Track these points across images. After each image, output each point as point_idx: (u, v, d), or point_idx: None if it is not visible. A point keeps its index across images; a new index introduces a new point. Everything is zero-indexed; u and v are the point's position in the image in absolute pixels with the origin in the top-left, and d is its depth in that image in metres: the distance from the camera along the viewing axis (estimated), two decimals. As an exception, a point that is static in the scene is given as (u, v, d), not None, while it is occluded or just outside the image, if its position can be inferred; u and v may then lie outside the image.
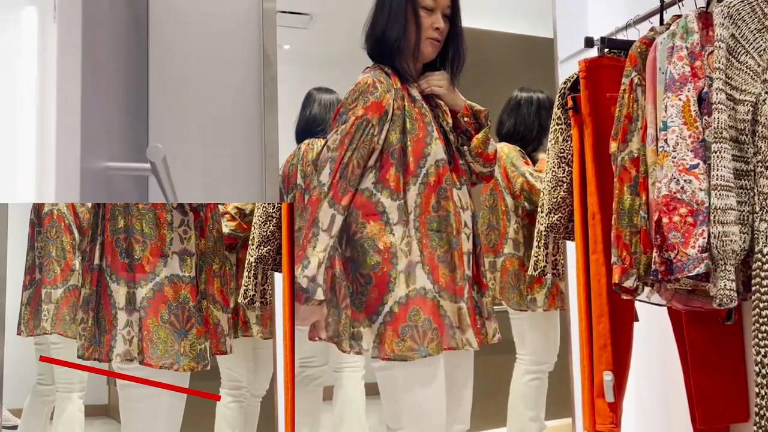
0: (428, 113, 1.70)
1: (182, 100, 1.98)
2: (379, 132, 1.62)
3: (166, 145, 1.42)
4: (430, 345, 1.58)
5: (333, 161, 1.60)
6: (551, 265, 2.10)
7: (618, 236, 1.73)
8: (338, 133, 1.61)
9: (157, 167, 1.18)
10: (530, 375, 2.56)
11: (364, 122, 1.62)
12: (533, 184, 2.44)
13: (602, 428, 1.89)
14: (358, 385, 2.42)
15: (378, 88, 1.64)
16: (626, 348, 1.93)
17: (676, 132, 1.56)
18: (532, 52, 2.76)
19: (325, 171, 1.60)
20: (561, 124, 2.04)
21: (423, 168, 1.64)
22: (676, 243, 1.54)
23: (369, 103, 1.62)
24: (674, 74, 1.60)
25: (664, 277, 1.62)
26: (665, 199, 1.55)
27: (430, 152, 1.65)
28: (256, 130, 2.03)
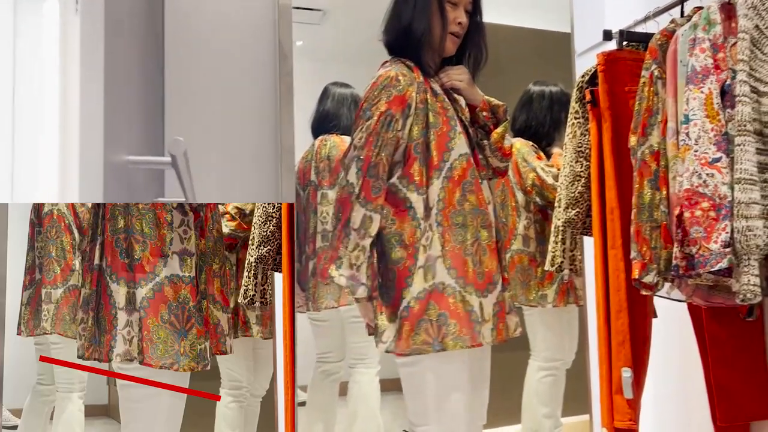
0: (450, 107, 1.68)
1: (197, 95, 1.97)
2: (402, 126, 1.60)
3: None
4: (445, 340, 1.56)
5: (360, 160, 1.58)
6: (568, 261, 2.05)
7: (638, 231, 1.68)
8: (363, 131, 1.59)
9: (177, 161, 1.16)
10: (544, 372, 2.54)
11: (388, 118, 1.59)
12: (545, 179, 2.41)
13: (621, 425, 1.86)
14: (373, 381, 2.42)
15: (401, 81, 1.61)
16: (645, 344, 1.89)
17: (698, 125, 1.51)
18: (549, 46, 2.72)
19: (352, 170, 1.58)
20: (579, 118, 1.98)
21: (447, 162, 1.62)
22: (698, 238, 1.48)
23: (392, 98, 1.60)
24: (696, 66, 1.55)
25: (686, 273, 1.59)
26: (687, 193, 1.50)
27: (454, 146, 1.63)
28: (271, 125, 2.02)
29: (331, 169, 2.34)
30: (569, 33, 2.58)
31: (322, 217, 2.33)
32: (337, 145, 2.37)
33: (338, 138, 2.36)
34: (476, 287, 1.61)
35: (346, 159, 1.61)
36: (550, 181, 2.37)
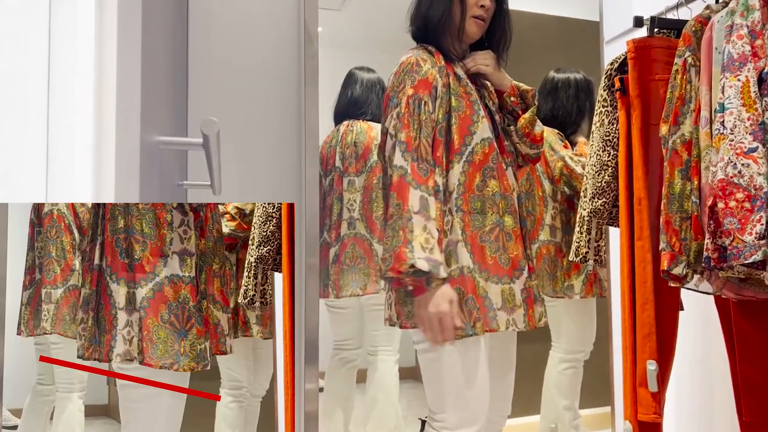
0: (474, 92, 1.64)
1: (221, 76, 1.95)
2: (433, 109, 1.58)
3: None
4: (477, 324, 1.55)
5: (402, 143, 1.55)
6: (593, 252, 2.00)
7: (667, 222, 1.61)
8: (395, 117, 1.57)
9: (209, 141, 1.13)
10: (565, 363, 2.50)
11: (417, 101, 1.57)
12: (573, 168, 2.36)
13: (644, 418, 1.83)
14: (393, 369, 2.40)
15: (422, 65, 1.59)
16: (671, 337, 1.80)
17: (734, 114, 1.43)
18: (577, 34, 2.68)
19: (398, 155, 1.54)
20: (607, 106, 1.89)
21: (468, 146, 1.60)
22: (732, 229, 1.40)
23: (416, 82, 1.57)
24: (733, 54, 1.46)
25: (717, 265, 1.54)
26: (721, 184, 1.42)
27: (476, 130, 1.60)
28: (295, 109, 1.99)
29: (358, 156, 2.30)
30: (597, 21, 2.53)
31: (348, 204, 2.29)
32: (365, 131, 2.33)
33: (366, 124, 2.31)
34: (495, 273, 1.59)
35: (387, 148, 1.58)
36: (579, 170, 2.31)
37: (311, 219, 1.91)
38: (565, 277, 2.31)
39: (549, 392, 2.40)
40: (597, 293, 2.34)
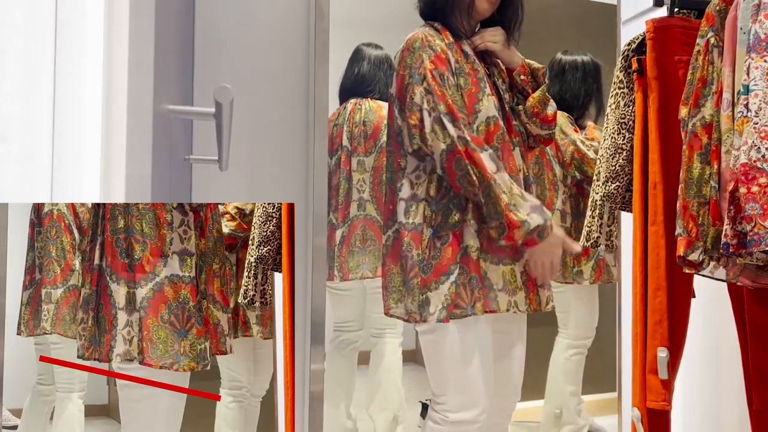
0: (481, 69, 1.61)
1: (227, 49, 1.89)
2: (451, 85, 1.54)
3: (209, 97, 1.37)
4: (477, 305, 1.54)
5: (447, 115, 1.50)
6: (605, 237, 1.93)
7: (684, 207, 1.54)
8: (425, 92, 1.52)
9: (222, 111, 1.06)
10: (573, 350, 2.45)
11: (440, 74, 1.53)
12: (585, 152, 2.30)
13: (654, 405, 1.79)
14: (396, 352, 2.36)
15: (431, 41, 1.56)
16: (682, 324, 1.73)
17: (760, 96, 1.34)
18: (591, 16, 2.61)
19: (450, 127, 1.50)
20: (623, 88, 1.82)
21: (473, 124, 1.56)
22: (754, 215, 1.32)
23: (433, 57, 1.54)
24: (760, 33, 1.36)
25: (736, 251, 1.49)
26: (744, 168, 1.34)
27: (481, 108, 1.57)
28: (303, 84, 1.94)
29: (368, 135, 2.24)
30: (613, 4, 2.47)
31: (358, 185, 2.24)
32: (375, 110, 2.25)
33: (375, 103, 2.24)
34: (495, 254, 1.56)
35: (427, 128, 1.51)
36: (591, 155, 2.26)
37: (320, 198, 1.88)
38: (574, 263, 2.27)
39: (555, 378, 2.37)
40: (606, 279, 2.31)
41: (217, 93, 1.01)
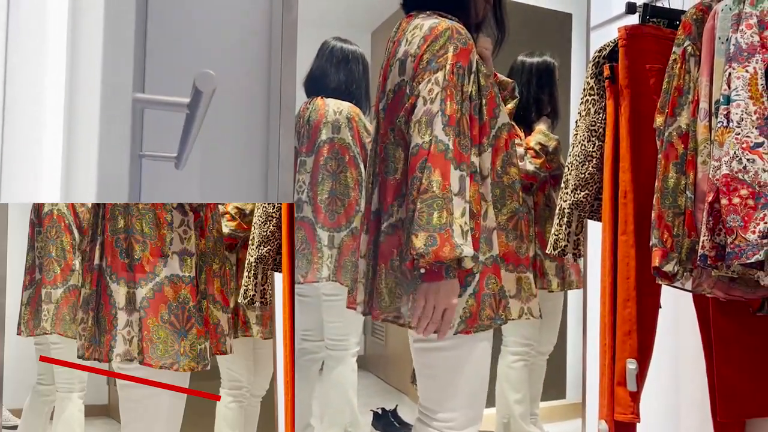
0: (491, 74, 1.50)
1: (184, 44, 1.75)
2: (468, 82, 1.40)
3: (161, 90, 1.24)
4: (505, 312, 1.45)
5: (445, 116, 1.35)
6: (572, 245, 1.90)
7: (660, 217, 1.49)
8: (434, 83, 1.37)
9: (199, 101, 0.93)
10: (514, 356, 2.38)
11: (461, 70, 1.39)
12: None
13: (622, 418, 1.74)
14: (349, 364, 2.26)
15: (462, 33, 1.41)
16: (650, 335, 1.67)
17: (742, 106, 1.32)
18: (546, 25, 2.59)
19: (438, 127, 1.34)
20: (593, 95, 1.79)
21: (494, 129, 1.46)
22: (735, 227, 1.30)
23: (458, 50, 1.39)
24: (742, 43, 1.35)
25: (714, 263, 1.48)
26: (726, 179, 1.31)
27: (499, 113, 1.47)
28: (270, 80, 1.82)
29: (310, 135, 2.15)
30: (569, 13, 2.45)
31: (298, 186, 2.15)
32: (318, 108, 2.17)
33: (321, 101, 2.17)
34: (511, 261, 1.49)
35: (422, 115, 1.36)
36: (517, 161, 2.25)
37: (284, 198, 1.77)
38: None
39: (500, 386, 2.32)
40: (540, 286, 2.26)
41: (199, 79, 0.87)
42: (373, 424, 2.57)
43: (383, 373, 2.77)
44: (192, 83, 0.88)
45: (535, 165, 2.18)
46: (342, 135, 2.17)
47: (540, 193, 2.25)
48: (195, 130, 1.02)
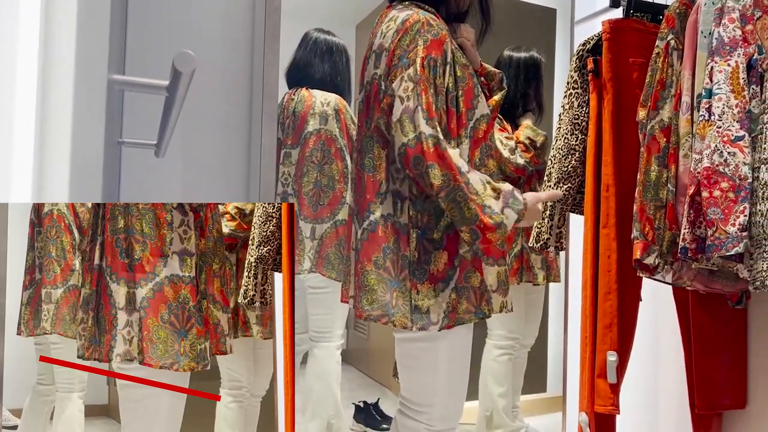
0: (469, 64, 1.48)
1: (164, 30, 1.71)
2: (442, 74, 1.39)
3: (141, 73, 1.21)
4: (486, 306, 1.44)
5: (424, 111, 1.34)
6: (554, 238, 1.87)
7: (641, 210, 1.50)
8: (407, 80, 1.36)
9: (178, 83, 0.90)
10: (499, 350, 2.39)
11: (432, 62, 1.37)
12: (501, 152, 2.27)
13: (602, 410, 1.74)
14: (332, 356, 2.24)
15: (432, 24, 1.40)
16: (631, 328, 1.68)
17: (723, 100, 1.33)
18: (531, 19, 2.59)
19: (422, 122, 1.33)
20: (577, 88, 1.77)
21: (471, 121, 1.45)
22: (716, 219, 1.31)
23: (429, 42, 1.38)
24: (724, 37, 1.36)
25: (694, 256, 1.47)
26: (707, 172, 1.32)
27: (477, 105, 1.45)
28: (253, 68, 1.79)
29: (296, 126, 2.13)
30: (554, 8, 2.44)
31: (283, 179, 2.12)
32: (304, 99, 2.15)
33: (307, 92, 2.15)
34: (491, 254, 1.47)
35: (401, 115, 1.35)
36: (506, 154, 2.23)
37: (267, 191, 1.75)
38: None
39: (484, 380, 2.32)
40: (526, 280, 2.26)
41: (179, 60, 0.84)
42: (355, 417, 2.56)
43: (365, 367, 2.76)
44: (171, 65, 0.86)
45: (525, 159, 2.18)
46: (329, 126, 2.15)
47: (526, 187, 2.25)
48: (175, 114, 1.00)
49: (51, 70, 0.74)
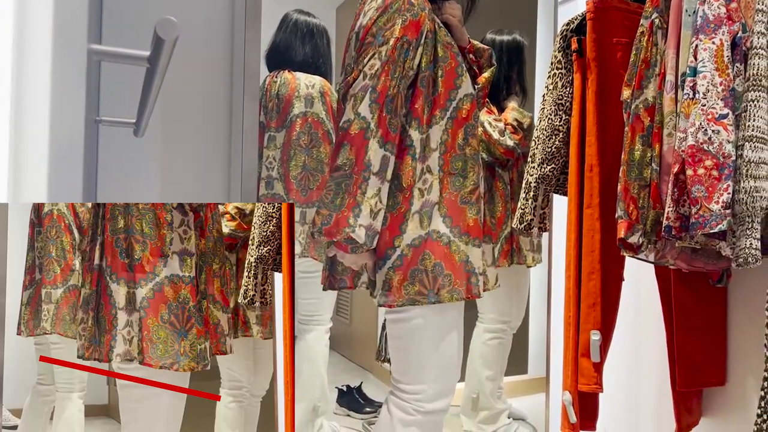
0: (454, 42, 1.48)
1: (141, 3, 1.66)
2: (413, 57, 1.38)
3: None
4: (441, 292, 1.42)
5: (375, 92, 1.33)
6: (538, 219, 1.87)
7: (626, 189, 1.48)
8: (376, 58, 1.35)
9: (160, 51, 0.86)
10: (489, 334, 2.41)
11: (405, 44, 1.36)
12: (491, 134, 2.26)
13: (586, 389, 1.75)
14: (321, 339, 2.23)
15: (414, 4, 1.39)
16: (614, 307, 1.68)
17: (708, 78, 1.32)
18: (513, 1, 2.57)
19: (365, 103, 1.33)
20: (561, 68, 1.76)
21: (453, 101, 1.44)
22: (700, 197, 1.30)
23: (407, 23, 1.37)
24: (709, 15, 1.35)
25: (678, 234, 1.49)
26: (691, 150, 1.31)
27: (462, 84, 1.44)
28: (234, 47, 1.75)
29: (280, 110, 2.10)
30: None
31: (267, 162, 2.09)
32: (288, 82, 2.12)
33: (290, 75, 2.12)
34: (476, 235, 1.46)
35: (354, 90, 1.34)
36: (496, 136, 2.22)
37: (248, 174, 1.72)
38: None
39: (473, 363, 2.32)
40: (516, 262, 2.27)
41: (161, 26, 0.80)
42: (338, 401, 2.55)
43: (348, 352, 2.75)
44: (153, 33, 0.82)
45: (515, 140, 2.17)
46: (315, 109, 2.13)
47: (514, 170, 2.24)
48: (156, 88, 0.96)
49: (27, 39, 0.70)
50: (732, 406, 1.73)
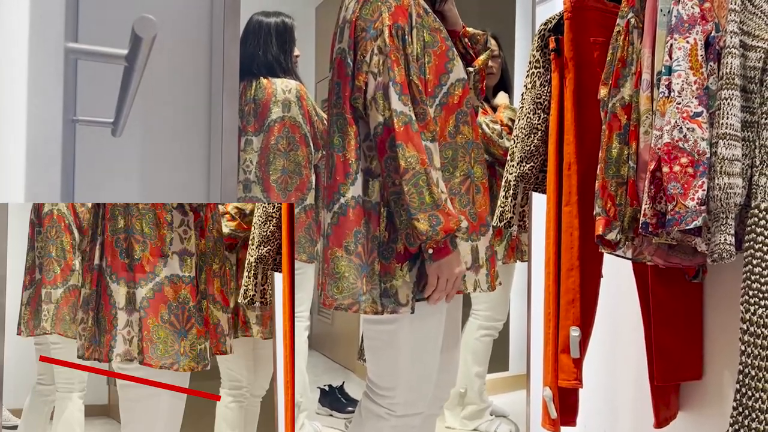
0: (443, 27, 1.45)
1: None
2: (411, 41, 1.36)
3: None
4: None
5: (397, 85, 1.30)
6: (518, 217, 1.91)
7: (603, 187, 1.50)
8: (377, 53, 1.33)
9: (138, 50, 0.85)
10: (483, 331, 2.41)
11: (399, 31, 1.34)
12: (490, 136, 2.29)
13: (566, 384, 1.77)
14: (301, 336, 2.23)
15: None
16: (593, 304, 1.70)
17: (682, 77, 1.35)
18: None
19: (394, 99, 1.30)
20: (539, 67, 1.78)
21: (444, 86, 1.41)
22: (675, 194, 1.33)
23: (393, 9, 1.34)
24: (683, 14, 1.38)
25: (655, 231, 1.50)
26: (667, 147, 1.33)
27: (452, 68, 1.41)
28: (212, 44, 1.73)
29: (257, 114, 2.09)
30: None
31: (244, 166, 2.09)
32: (264, 87, 2.12)
33: (265, 80, 2.12)
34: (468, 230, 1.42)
35: (372, 91, 1.32)
36: (495, 138, 2.25)
37: (229, 171, 1.71)
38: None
39: (463, 358, 2.34)
40: (518, 259, 2.29)
41: (138, 25, 0.80)
42: (321, 400, 2.55)
43: (330, 351, 2.75)
44: (131, 31, 0.82)
45: None
46: (292, 113, 2.13)
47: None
48: (134, 87, 0.96)
49: (2, 37, 0.69)
50: (709, 400, 1.76)
